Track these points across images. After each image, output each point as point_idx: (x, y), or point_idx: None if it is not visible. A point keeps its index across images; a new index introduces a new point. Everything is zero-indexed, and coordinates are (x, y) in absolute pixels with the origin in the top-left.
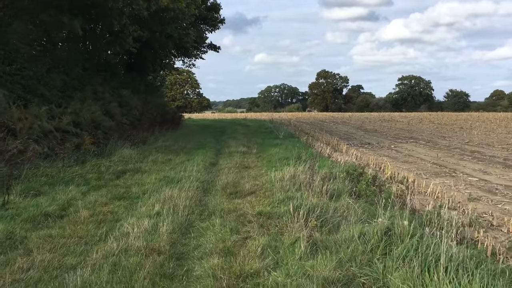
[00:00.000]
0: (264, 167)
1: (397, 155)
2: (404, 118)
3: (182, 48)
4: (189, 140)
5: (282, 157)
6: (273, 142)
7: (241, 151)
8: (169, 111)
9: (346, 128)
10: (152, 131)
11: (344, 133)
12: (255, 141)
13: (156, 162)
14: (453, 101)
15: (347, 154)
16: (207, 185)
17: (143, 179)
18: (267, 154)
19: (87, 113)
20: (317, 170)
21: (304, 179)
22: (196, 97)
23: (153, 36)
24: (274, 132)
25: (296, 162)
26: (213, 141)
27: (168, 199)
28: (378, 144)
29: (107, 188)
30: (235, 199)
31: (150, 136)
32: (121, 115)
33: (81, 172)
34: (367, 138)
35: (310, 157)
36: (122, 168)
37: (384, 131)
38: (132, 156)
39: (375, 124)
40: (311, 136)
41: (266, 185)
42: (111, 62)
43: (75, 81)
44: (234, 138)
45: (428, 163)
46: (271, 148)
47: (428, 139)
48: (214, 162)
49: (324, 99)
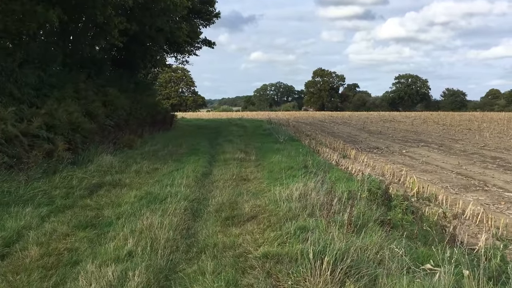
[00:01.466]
0: (265, 179)
1: (412, 162)
2: (406, 118)
3: (175, 44)
4: (181, 144)
5: (285, 166)
6: (273, 147)
7: (238, 158)
8: (161, 110)
9: (348, 129)
10: (141, 133)
11: (347, 135)
12: (253, 145)
13: (139, 172)
14: (449, 100)
15: (356, 161)
16: (198, 205)
17: (121, 196)
18: (268, 162)
19: (63, 114)
20: (330, 185)
21: (318, 200)
22: (191, 95)
23: (142, 30)
24: (273, 135)
25: (303, 174)
26: (207, 145)
27: (146, 229)
28: (387, 149)
29: (73, 210)
30: (232, 226)
31: (138, 139)
32: (105, 116)
33: (46, 188)
34: (374, 141)
35: (318, 166)
36: (98, 180)
37: (389, 133)
38: (112, 164)
39: (378, 125)
40: (313, 139)
41: (270, 206)
42: (96, 57)
43: (53, 78)
44: (230, 141)
45: (450, 173)
46: (272, 155)
47: (439, 143)
48: (207, 172)
49: (321, 98)
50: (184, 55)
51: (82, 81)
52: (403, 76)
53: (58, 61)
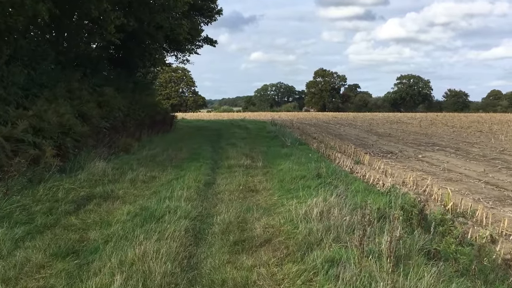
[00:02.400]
0: (276, 190)
1: (432, 169)
2: (412, 119)
3: (175, 42)
4: (181, 148)
5: (297, 175)
6: (281, 151)
7: (244, 165)
8: (160, 111)
9: (355, 131)
10: (139, 135)
11: (355, 137)
12: (258, 150)
13: (135, 182)
14: (452, 101)
15: (372, 167)
16: (201, 224)
17: (112, 212)
18: (277, 169)
19: (53, 115)
20: (354, 200)
21: (343, 220)
22: (192, 95)
23: (141, 27)
24: (279, 137)
25: (319, 184)
26: (209, 149)
27: (139, 259)
28: (402, 153)
29: (54, 231)
30: (243, 254)
31: (135, 143)
32: (100, 118)
33: (26, 202)
34: (385, 145)
35: (333, 174)
36: (88, 192)
37: (398, 135)
38: (105, 172)
39: (384, 127)
40: (321, 142)
41: (286, 226)
42: (92, 55)
43: (44, 77)
44: (234, 145)
45: (478, 182)
46: (281, 161)
47: (455, 147)
48: (211, 182)
49: (322, 98)
50: (185, 54)
51: (76, 80)
52: (405, 76)
53: (49, 59)
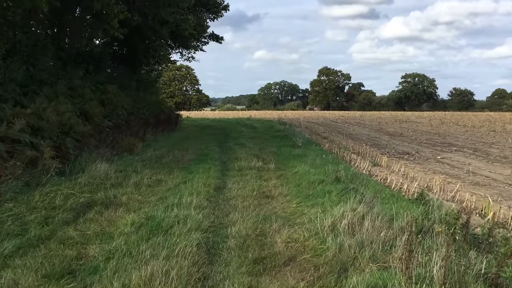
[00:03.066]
0: (293, 197)
1: (454, 171)
2: (420, 118)
3: (180, 38)
4: (187, 148)
5: (315, 179)
6: (292, 152)
7: (255, 167)
8: (165, 110)
9: (365, 130)
10: (143, 135)
11: (366, 137)
12: (269, 150)
13: (140, 186)
14: (457, 99)
15: (390, 170)
16: (214, 236)
17: (115, 222)
18: (292, 172)
19: (52, 114)
20: (380, 208)
21: (377, 234)
22: (195, 93)
23: (145, 22)
24: (289, 137)
25: (340, 191)
26: (216, 150)
27: (145, 284)
28: (418, 154)
29: (49, 246)
30: (265, 276)
31: (139, 143)
32: (103, 117)
33: (19, 211)
34: (399, 145)
35: (353, 178)
36: (88, 198)
37: (410, 135)
38: (108, 175)
39: (394, 126)
40: (332, 142)
41: (311, 241)
42: (95, 52)
43: (44, 73)
44: (242, 145)
45: (507, 186)
46: (294, 163)
47: (472, 147)
48: (221, 186)
49: (326, 97)
50: (190, 51)
51: (78, 77)
52: (410, 75)
53: (50, 55)
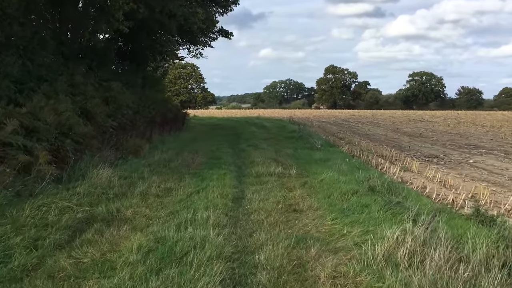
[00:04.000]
0: (326, 211)
1: (494, 177)
2: (434, 117)
3: (188, 33)
4: (197, 150)
5: (347, 189)
6: (313, 156)
7: (275, 173)
8: (172, 108)
9: (381, 130)
10: (149, 135)
11: (385, 138)
12: (286, 153)
13: (146, 196)
14: (465, 98)
15: (423, 176)
16: (240, 267)
17: (117, 245)
18: (317, 180)
19: (50, 113)
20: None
21: (454, 272)
22: (201, 91)
23: (151, 15)
24: (305, 138)
25: (383, 205)
26: (229, 151)
27: None
28: (447, 157)
29: (34, 282)
30: None
31: (146, 144)
32: (107, 116)
33: (3, 231)
34: (423, 147)
35: (389, 188)
36: (87, 212)
37: (430, 136)
38: (111, 182)
39: (410, 126)
40: (351, 144)
41: (365, 276)
42: (99, 47)
43: (43, 69)
44: (256, 146)
45: None
46: (317, 168)
47: (502, 149)
48: (239, 196)
49: (332, 95)
50: (198, 47)
51: (80, 73)
52: (418, 73)
53: (50, 49)
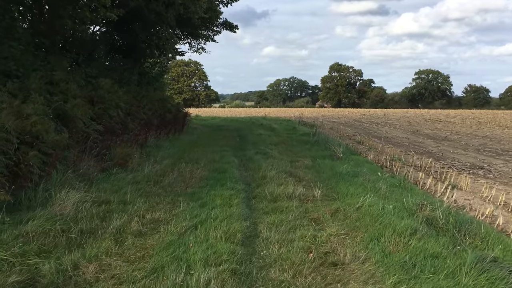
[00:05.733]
0: (380, 267)
1: None
2: (450, 117)
3: (188, 24)
4: (198, 159)
5: (401, 227)
6: (337, 168)
7: (295, 195)
8: (171, 108)
9: (399, 132)
10: (144, 139)
11: (407, 141)
12: (303, 164)
13: (123, 236)
14: (472, 97)
15: (477, 195)
16: None
17: None
18: (352, 206)
19: (10, 118)
20: None
21: None
22: (204, 89)
23: (146, 3)
24: (321, 143)
25: (476, 264)
26: (234, 161)
27: None
28: (493, 168)
29: None
30: None
31: (136, 152)
32: (90, 119)
33: None
34: (456, 153)
35: (458, 223)
36: (27, 273)
37: (457, 139)
38: (79, 212)
39: (428, 127)
40: (373, 149)
41: None
42: (87, 39)
43: (10, 63)
44: (266, 154)
45: None
46: (348, 186)
47: None
48: (251, 234)
49: (337, 93)
50: (200, 41)
51: (64, 69)
52: (424, 71)
53: (23, 40)
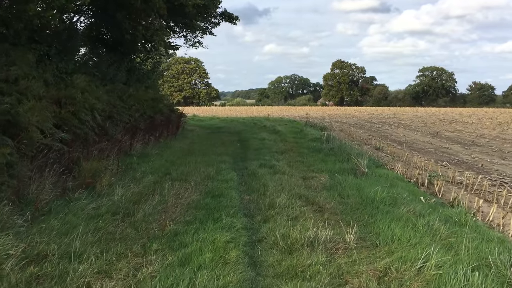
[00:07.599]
0: None
1: None
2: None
3: (182, 14)
4: (188, 174)
5: None
6: (366, 189)
7: (319, 241)
8: (163, 109)
9: (417, 135)
10: (128, 147)
11: (432, 147)
12: (320, 183)
13: None
14: (477, 94)
15: None
16: None
17: None
18: (409, 267)
19: None
20: None
21: None
22: (205, 87)
23: None
24: (337, 152)
25: None
26: (233, 178)
27: None
28: None
29: None
30: None
31: (111, 166)
32: (54, 125)
33: None
34: (496, 163)
35: None
36: None
37: (487, 144)
38: None
39: (446, 127)
40: (399, 160)
41: None
42: (59, 28)
43: None
44: (272, 168)
45: None
46: (391, 224)
47: None
48: None
49: (340, 91)
50: (197, 34)
51: (29, 64)
52: (427, 68)
53: None
